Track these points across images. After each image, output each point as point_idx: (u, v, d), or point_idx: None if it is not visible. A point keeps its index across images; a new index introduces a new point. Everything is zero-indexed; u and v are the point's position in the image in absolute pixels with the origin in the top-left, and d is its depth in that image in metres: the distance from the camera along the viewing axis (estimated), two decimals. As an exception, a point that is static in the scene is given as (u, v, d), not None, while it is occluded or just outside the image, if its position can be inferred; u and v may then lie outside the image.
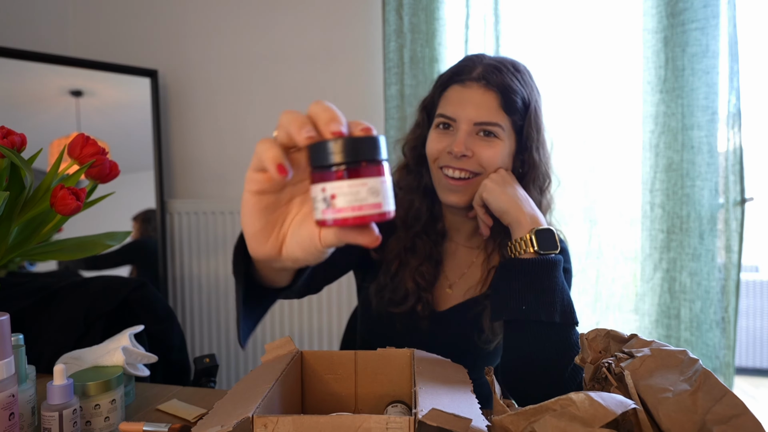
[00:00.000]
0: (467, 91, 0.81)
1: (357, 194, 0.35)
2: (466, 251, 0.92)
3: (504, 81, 0.80)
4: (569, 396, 0.40)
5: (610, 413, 0.38)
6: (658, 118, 1.51)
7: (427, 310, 0.88)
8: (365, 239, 0.38)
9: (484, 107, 0.79)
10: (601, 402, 0.39)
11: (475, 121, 0.79)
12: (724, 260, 1.44)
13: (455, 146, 0.79)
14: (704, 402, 0.41)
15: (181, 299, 2.03)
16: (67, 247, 0.69)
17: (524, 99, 0.82)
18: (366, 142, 0.36)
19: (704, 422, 0.40)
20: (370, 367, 0.65)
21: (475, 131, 0.80)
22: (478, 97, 0.80)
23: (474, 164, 0.80)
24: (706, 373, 0.43)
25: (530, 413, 0.41)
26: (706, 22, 1.43)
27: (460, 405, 0.48)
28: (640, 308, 1.59)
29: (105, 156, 0.68)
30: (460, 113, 0.80)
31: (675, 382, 0.42)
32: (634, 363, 0.45)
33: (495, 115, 0.79)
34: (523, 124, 0.82)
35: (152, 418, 0.69)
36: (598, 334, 0.55)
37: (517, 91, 0.81)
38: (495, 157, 0.80)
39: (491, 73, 0.80)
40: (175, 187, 2.08)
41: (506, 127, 0.81)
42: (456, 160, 0.80)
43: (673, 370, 0.44)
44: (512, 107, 0.80)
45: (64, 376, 0.59)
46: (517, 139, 0.84)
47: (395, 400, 0.65)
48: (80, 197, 0.63)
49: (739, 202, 1.42)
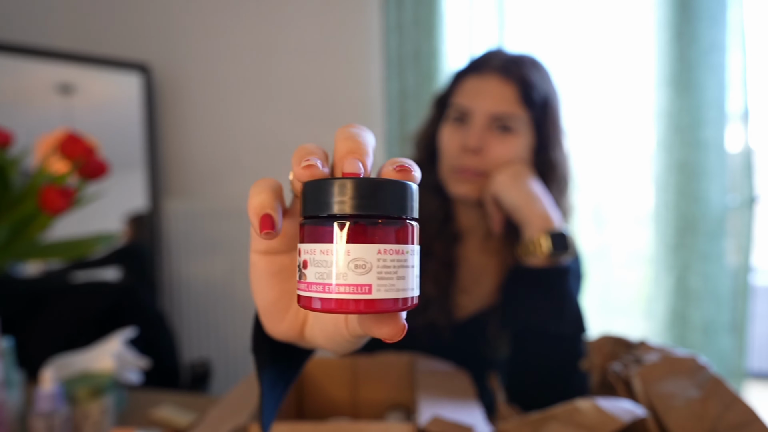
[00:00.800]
0: (484, 81, 0.77)
1: (365, 268, 0.24)
2: (480, 255, 0.89)
3: (523, 73, 0.77)
4: (575, 404, 0.39)
5: (617, 421, 0.37)
6: (668, 115, 1.48)
7: (446, 320, 0.84)
8: (384, 331, 0.26)
9: (502, 98, 0.76)
10: (608, 410, 0.38)
11: (491, 112, 0.76)
12: (735, 262, 1.42)
13: (470, 138, 0.75)
14: (714, 409, 0.40)
15: (177, 302, 2.00)
16: (56, 247, 0.67)
17: (544, 93, 0.78)
18: (391, 187, 0.25)
19: (715, 429, 0.39)
20: (369, 373, 0.64)
21: (492, 124, 0.77)
22: (495, 88, 0.76)
23: (484, 161, 0.76)
24: (716, 379, 0.42)
25: (535, 421, 0.40)
26: (717, 18, 1.41)
27: (462, 412, 0.47)
28: (649, 311, 1.55)
29: (93, 154, 0.66)
30: (475, 104, 0.77)
31: (685, 388, 0.41)
32: (644, 369, 0.44)
33: (513, 106, 0.76)
34: (542, 119, 0.79)
35: (144, 424, 0.67)
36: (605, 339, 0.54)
37: (537, 85, 0.77)
38: (508, 154, 0.76)
39: (511, 65, 0.77)
40: (168, 186, 2.05)
41: (525, 121, 0.77)
42: (467, 157, 0.77)
43: (682, 376, 0.42)
44: (531, 100, 0.76)
45: (53, 381, 0.57)
46: (537, 136, 0.80)
47: (395, 405, 0.64)
48: (68, 196, 0.62)
49: (749, 202, 1.40)
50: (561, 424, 0.39)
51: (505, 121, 0.76)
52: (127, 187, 1.88)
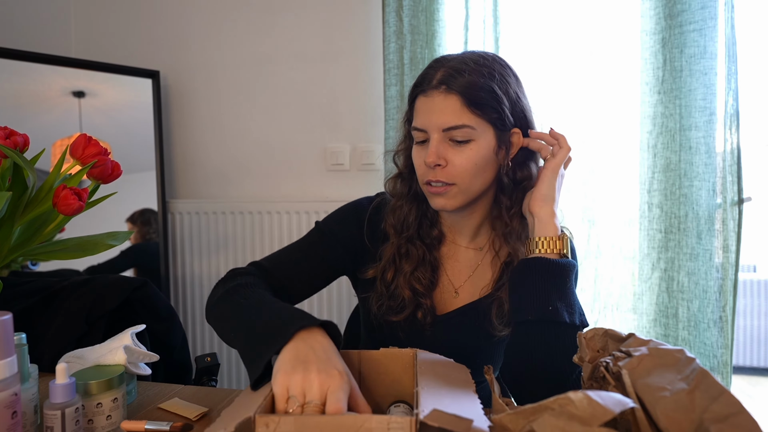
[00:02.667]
0: (430, 100, 0.80)
1: None
2: (470, 253, 0.92)
3: (464, 81, 0.78)
4: (567, 395, 0.40)
5: (609, 412, 0.39)
6: (656, 118, 1.52)
7: (429, 317, 0.87)
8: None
9: (448, 112, 0.78)
10: (600, 401, 0.39)
11: (442, 127, 0.79)
12: (722, 260, 1.45)
13: (427, 157, 0.79)
14: (701, 401, 0.41)
15: (182, 299, 2.03)
16: (69, 247, 0.69)
17: (494, 91, 0.79)
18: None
19: (702, 421, 0.41)
20: (373, 367, 0.65)
21: (447, 138, 0.80)
22: (440, 104, 0.79)
23: (449, 174, 0.80)
24: (703, 372, 0.43)
25: (529, 412, 0.42)
26: (703, 23, 1.43)
27: (462, 405, 0.48)
28: (638, 308, 1.59)
29: (107, 156, 0.68)
30: (427, 123, 0.80)
31: (672, 381, 0.43)
32: (632, 362, 0.46)
33: (460, 116, 0.78)
34: (500, 116, 0.80)
35: (154, 416, 0.69)
36: (596, 333, 0.56)
37: (481, 86, 0.78)
38: (467, 164, 0.79)
39: (450, 77, 0.79)
40: (176, 188, 2.08)
41: (479, 125, 0.79)
42: (433, 172, 0.80)
43: (670, 368, 0.44)
44: (480, 103, 0.78)
45: (67, 374, 0.59)
46: (498, 133, 0.81)
47: (398, 399, 0.65)
48: (82, 197, 0.64)
49: (737, 202, 1.43)
50: (554, 415, 0.40)
51: (459, 132, 0.79)
52: (140, 188, 1.91)
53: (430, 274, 0.89)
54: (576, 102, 1.61)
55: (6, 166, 0.63)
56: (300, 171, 1.97)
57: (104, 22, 2.10)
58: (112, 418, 0.65)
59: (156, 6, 2.05)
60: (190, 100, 2.05)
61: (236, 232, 1.96)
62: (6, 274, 1.24)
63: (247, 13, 1.97)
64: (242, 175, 2.03)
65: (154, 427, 0.63)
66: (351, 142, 1.91)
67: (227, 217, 1.97)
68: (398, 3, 1.69)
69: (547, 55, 1.63)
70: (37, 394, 0.64)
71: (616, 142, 1.60)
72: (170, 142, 2.06)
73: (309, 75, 1.93)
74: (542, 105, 1.64)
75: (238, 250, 1.96)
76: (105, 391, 0.64)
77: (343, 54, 1.89)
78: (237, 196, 2.03)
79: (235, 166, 2.03)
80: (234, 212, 1.96)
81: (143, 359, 0.74)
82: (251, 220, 1.94)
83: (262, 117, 1.99)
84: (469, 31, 1.66)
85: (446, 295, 0.90)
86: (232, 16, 1.99)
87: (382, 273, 0.89)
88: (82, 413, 0.63)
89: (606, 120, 1.60)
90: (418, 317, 0.87)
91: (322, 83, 1.92)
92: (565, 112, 1.62)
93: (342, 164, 1.92)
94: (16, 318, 0.55)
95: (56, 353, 0.79)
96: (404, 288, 0.86)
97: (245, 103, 2.00)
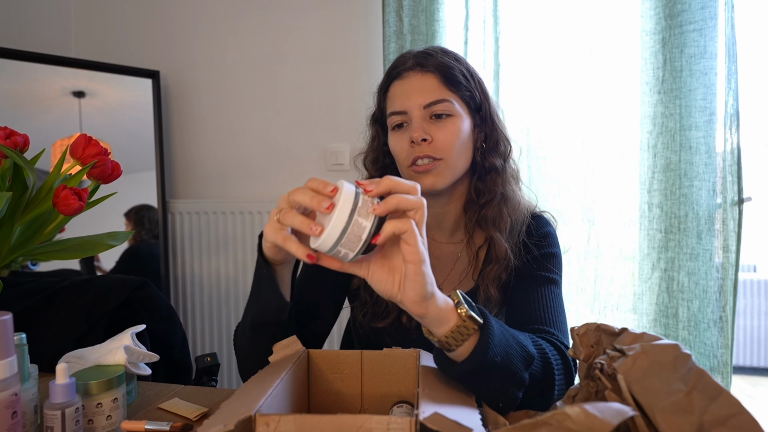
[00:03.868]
0: (407, 81, 0.83)
1: None
2: (449, 248, 0.91)
3: (438, 61, 0.82)
4: (564, 410, 0.40)
5: (607, 425, 0.38)
6: (656, 118, 1.52)
7: (413, 320, 0.85)
8: None
9: (428, 89, 0.81)
10: (597, 414, 0.39)
11: (423, 104, 0.81)
12: (722, 260, 1.45)
13: (413, 133, 0.80)
14: (700, 402, 0.41)
15: (182, 299, 2.03)
16: (69, 247, 0.69)
17: (463, 72, 0.83)
18: None
19: (701, 423, 0.40)
20: (376, 367, 0.65)
21: (428, 115, 0.81)
22: (418, 82, 0.82)
23: (434, 149, 0.81)
24: (700, 371, 0.43)
25: (526, 428, 0.41)
26: (704, 23, 1.43)
27: (462, 412, 0.48)
28: (638, 307, 1.59)
29: (107, 156, 0.68)
30: (407, 103, 0.82)
31: (669, 382, 0.43)
32: (627, 363, 0.46)
33: (440, 92, 0.81)
34: (472, 95, 0.84)
35: (154, 416, 0.69)
36: (588, 328, 0.55)
37: (454, 66, 0.83)
38: (451, 138, 0.81)
39: (423, 59, 0.83)
40: (176, 188, 2.08)
41: (456, 102, 0.82)
42: (420, 148, 0.80)
43: (666, 367, 0.44)
44: (454, 81, 0.82)
45: (67, 375, 0.59)
46: (472, 113, 0.85)
47: (401, 400, 0.65)
48: (82, 197, 0.64)
49: (737, 202, 1.43)
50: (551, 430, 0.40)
51: (440, 107, 0.81)
52: (140, 188, 1.91)
53: None
54: (576, 102, 1.61)
55: (6, 166, 0.63)
56: (300, 171, 1.97)
57: (104, 22, 2.10)
58: (112, 418, 0.65)
59: (156, 6, 2.05)
60: (190, 100, 2.05)
61: (236, 232, 1.96)
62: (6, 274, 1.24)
63: (248, 13, 1.97)
64: (242, 175, 2.03)
65: (154, 427, 0.63)
66: (351, 142, 1.91)
67: (227, 217, 1.97)
68: (398, 3, 1.69)
69: (547, 55, 1.63)
70: (37, 394, 0.64)
71: (616, 142, 1.60)
72: (170, 142, 2.06)
73: (309, 75, 1.93)
74: (542, 105, 1.64)
75: (238, 250, 1.96)
76: (105, 391, 0.64)
77: (343, 54, 1.89)
78: (237, 196, 2.03)
79: (235, 166, 2.03)
80: (234, 212, 1.96)
81: (143, 359, 0.74)
82: (251, 220, 1.94)
83: (262, 117, 1.99)
84: (469, 31, 1.66)
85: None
86: (232, 16, 1.99)
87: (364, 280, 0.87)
88: (82, 413, 0.63)
89: (606, 120, 1.60)
90: (404, 322, 0.86)
91: (322, 83, 1.92)
92: (565, 112, 1.62)
93: (342, 164, 1.92)
94: (16, 318, 0.55)
95: (56, 353, 0.80)
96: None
97: (245, 103, 2.00)
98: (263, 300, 0.68)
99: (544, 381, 0.64)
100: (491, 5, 1.64)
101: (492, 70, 1.66)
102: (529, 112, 1.65)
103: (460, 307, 0.56)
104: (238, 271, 1.97)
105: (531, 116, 1.65)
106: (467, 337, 0.55)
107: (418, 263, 0.52)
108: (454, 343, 0.56)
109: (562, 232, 1.65)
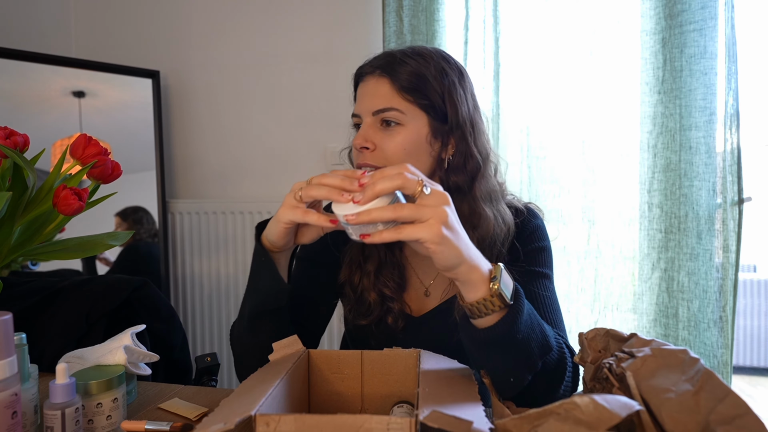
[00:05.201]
0: (365, 84, 0.81)
1: None
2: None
3: (394, 64, 0.77)
4: (573, 399, 0.40)
5: (615, 416, 0.38)
6: (656, 118, 1.52)
7: (401, 321, 0.84)
8: None
9: (378, 95, 0.78)
10: (606, 405, 0.39)
11: (371, 110, 0.78)
12: (722, 260, 1.45)
13: (355, 140, 0.79)
14: (707, 402, 0.41)
15: (182, 299, 2.03)
16: (69, 246, 0.69)
17: (423, 77, 0.77)
18: None
19: (708, 422, 0.40)
20: (376, 367, 0.65)
21: (377, 122, 0.79)
22: (371, 87, 0.79)
23: (378, 158, 0.78)
24: (708, 372, 0.43)
25: (534, 417, 0.41)
26: (704, 23, 1.43)
27: (462, 407, 0.48)
28: (638, 307, 1.59)
29: (107, 156, 0.68)
30: (359, 108, 0.81)
31: (677, 382, 0.43)
32: (636, 363, 0.46)
33: (389, 100, 0.77)
34: (432, 104, 0.78)
35: (154, 416, 0.69)
36: (597, 333, 0.55)
37: (414, 71, 0.77)
38: (397, 148, 0.77)
39: (385, 63, 0.78)
40: (176, 187, 2.08)
41: (408, 110, 0.77)
42: (363, 156, 0.79)
43: (674, 369, 0.44)
44: (411, 87, 0.76)
45: (67, 375, 0.59)
46: (433, 124, 0.78)
47: (401, 400, 0.65)
48: (82, 197, 0.64)
49: (737, 202, 1.43)
50: (559, 420, 0.40)
51: (387, 115, 0.77)
52: (140, 188, 1.91)
53: (398, 276, 0.85)
54: (576, 102, 1.61)
55: (6, 166, 0.62)
56: (300, 171, 1.97)
57: (104, 22, 2.10)
58: (112, 418, 0.65)
59: (156, 6, 2.05)
60: (190, 100, 2.04)
61: (236, 232, 1.96)
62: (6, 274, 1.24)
63: (248, 13, 1.97)
64: (242, 175, 2.02)
65: (154, 427, 0.62)
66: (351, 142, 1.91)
67: (227, 217, 1.96)
68: (398, 3, 1.69)
69: (547, 55, 1.63)
70: (37, 394, 0.64)
71: (616, 142, 1.60)
72: (170, 142, 2.06)
73: (309, 75, 1.93)
74: (542, 105, 1.64)
75: (238, 250, 1.96)
76: (105, 391, 0.64)
77: (343, 54, 1.89)
78: (237, 196, 2.02)
79: (235, 166, 2.03)
80: (234, 212, 1.96)
81: (143, 359, 0.74)
82: (251, 220, 1.94)
83: (262, 117, 1.99)
84: (469, 31, 1.66)
85: (418, 295, 0.88)
86: (232, 16, 1.98)
87: (348, 276, 0.86)
88: (82, 413, 0.62)
89: (606, 120, 1.60)
90: (389, 323, 0.84)
91: (322, 83, 1.92)
92: (565, 112, 1.62)
93: (342, 164, 1.92)
94: (16, 318, 0.54)
95: (56, 353, 0.79)
96: (370, 291, 0.83)
97: (245, 103, 2.00)
98: (263, 285, 0.69)
99: (555, 373, 0.65)
100: (491, 5, 1.64)
101: (492, 70, 1.66)
102: (529, 112, 1.65)
103: (493, 283, 0.57)
104: (238, 271, 1.97)
105: (531, 116, 1.65)
106: (491, 312, 0.57)
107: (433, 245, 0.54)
108: (477, 313, 0.58)
109: (562, 232, 1.65)
